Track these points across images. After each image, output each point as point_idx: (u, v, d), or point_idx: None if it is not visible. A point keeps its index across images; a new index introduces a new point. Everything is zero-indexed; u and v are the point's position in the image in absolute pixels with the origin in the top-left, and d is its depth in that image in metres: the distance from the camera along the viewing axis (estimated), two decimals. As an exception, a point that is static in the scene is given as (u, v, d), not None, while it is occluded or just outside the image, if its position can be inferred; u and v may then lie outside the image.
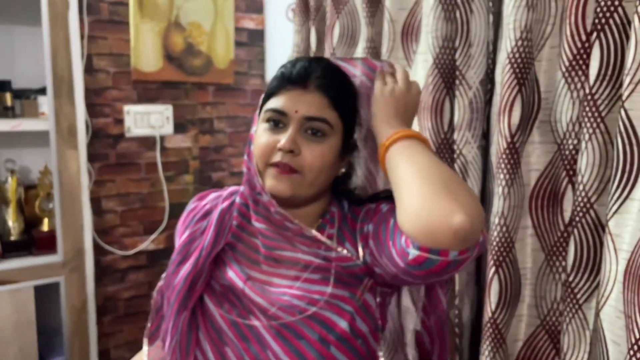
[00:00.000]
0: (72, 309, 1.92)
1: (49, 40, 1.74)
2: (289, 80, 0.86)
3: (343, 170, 0.92)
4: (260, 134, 0.86)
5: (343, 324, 0.83)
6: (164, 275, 0.94)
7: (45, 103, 1.82)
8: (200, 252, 0.89)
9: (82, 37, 1.91)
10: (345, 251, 0.86)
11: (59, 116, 1.79)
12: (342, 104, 0.87)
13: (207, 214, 0.95)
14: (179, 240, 0.95)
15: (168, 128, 2.20)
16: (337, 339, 0.82)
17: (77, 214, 1.88)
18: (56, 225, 1.86)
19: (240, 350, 0.84)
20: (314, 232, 0.86)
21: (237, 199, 0.93)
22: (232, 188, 1.00)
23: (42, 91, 1.86)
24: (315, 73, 0.86)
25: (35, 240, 1.91)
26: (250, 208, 0.90)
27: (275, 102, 0.86)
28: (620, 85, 1.03)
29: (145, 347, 0.97)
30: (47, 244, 1.89)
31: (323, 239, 0.86)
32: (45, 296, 1.94)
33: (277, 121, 0.85)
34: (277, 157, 0.83)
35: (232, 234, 0.92)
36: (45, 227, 1.95)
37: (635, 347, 0.91)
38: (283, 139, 0.82)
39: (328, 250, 0.86)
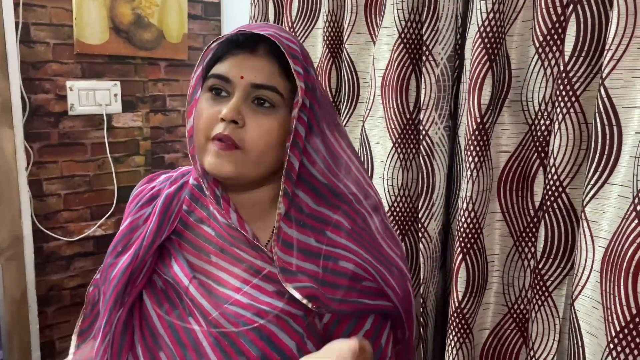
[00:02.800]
0: (10, 299, 1.79)
1: (-22, 6, 1.58)
2: (235, 43, 0.76)
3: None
4: (202, 104, 0.76)
5: (291, 344, 0.74)
6: (100, 267, 0.84)
7: (-24, 76, 1.66)
8: (142, 241, 0.79)
9: (16, 4, 1.74)
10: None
11: (-9, 91, 1.64)
12: (295, 73, 0.75)
13: (153, 198, 0.85)
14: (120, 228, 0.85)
15: (116, 106, 2.05)
16: None
17: (14, 198, 1.73)
18: (-10, 210, 1.72)
19: (175, 356, 0.75)
20: (273, 253, 0.75)
21: (191, 180, 0.83)
22: (184, 168, 0.90)
23: (-28, 63, 1.70)
24: (265, 40, 0.75)
25: (-33, 227, 1.76)
26: (204, 191, 0.80)
27: (218, 68, 0.76)
28: (597, 62, 0.97)
29: (72, 347, 0.87)
30: (-19, 230, 1.74)
31: (278, 259, 0.74)
32: (-19, 286, 1.80)
33: (220, 89, 0.75)
34: (219, 129, 0.73)
35: (179, 220, 0.82)
36: (-21, 212, 1.79)
37: (616, 340, 0.87)
38: (225, 108, 0.73)
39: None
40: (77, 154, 2.00)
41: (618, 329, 0.89)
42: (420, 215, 1.24)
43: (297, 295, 0.73)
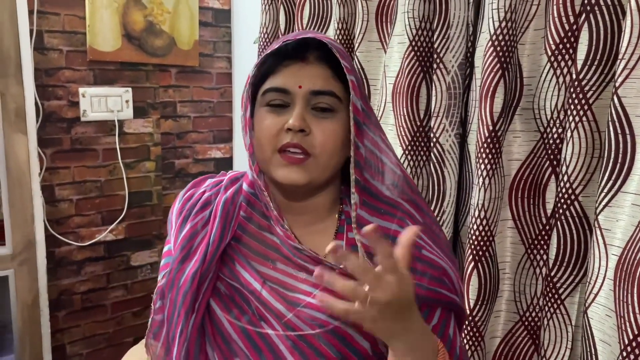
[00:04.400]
0: (22, 303, 1.80)
1: (-7, 14, 1.59)
2: (285, 55, 0.76)
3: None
4: (262, 119, 0.76)
5: (365, 344, 0.74)
6: (163, 273, 0.82)
7: (-10, 83, 1.67)
8: (207, 246, 0.78)
9: (30, 12, 1.76)
10: None
11: (5, 97, 1.65)
12: (345, 69, 0.76)
13: (208, 203, 0.84)
14: (178, 234, 0.82)
15: (127, 112, 2.07)
16: None
17: (27, 203, 1.74)
18: (4, 215, 1.73)
19: None
20: (340, 267, 0.73)
21: (245, 187, 0.83)
22: (231, 173, 0.90)
23: (-13, 70, 1.71)
24: (311, 44, 0.76)
25: (-19, 232, 1.78)
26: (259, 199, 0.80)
27: (273, 81, 0.76)
28: (610, 70, 0.97)
29: (143, 354, 0.87)
30: (-6, 235, 1.76)
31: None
32: (-6, 290, 1.82)
33: (280, 101, 0.76)
34: (287, 139, 0.73)
35: (238, 225, 0.82)
36: (-8, 217, 1.81)
37: (629, 348, 0.87)
38: (291, 118, 0.73)
39: None
40: (88, 160, 2.02)
41: (631, 336, 0.89)
42: (431, 222, 1.24)
43: None
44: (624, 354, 0.90)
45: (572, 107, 1.01)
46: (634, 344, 0.89)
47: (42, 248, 1.81)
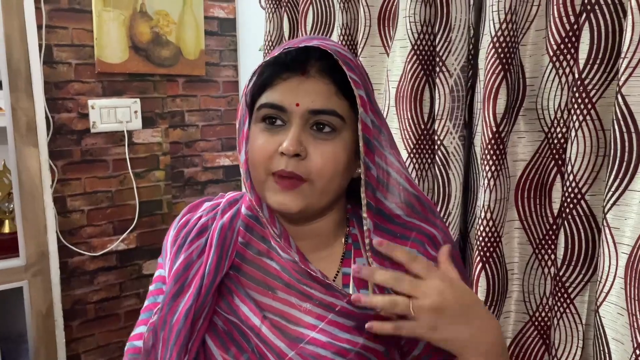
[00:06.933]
0: (37, 314, 1.82)
1: (2, 30, 1.62)
2: (283, 66, 0.69)
3: (360, 170, 0.71)
4: (256, 137, 0.70)
5: None
6: (156, 309, 0.75)
7: (1, 98, 1.70)
8: (202, 279, 0.72)
9: (39, 27, 1.79)
10: (384, 311, 0.66)
11: (16, 111, 1.68)
12: (352, 89, 0.68)
13: (204, 229, 0.77)
14: (173, 264, 0.76)
15: (136, 123, 2.10)
16: None
17: (40, 214, 1.77)
18: (17, 227, 1.75)
19: None
20: (350, 294, 0.70)
21: (243, 209, 0.77)
22: (229, 195, 0.83)
23: (-2, 85, 1.75)
24: (314, 53, 0.69)
25: (-5, 244, 1.81)
26: (259, 222, 0.75)
27: (269, 96, 0.69)
28: (612, 69, 0.97)
29: None
30: (8, 247, 1.78)
31: (364, 300, 0.64)
32: (8, 301, 1.84)
33: (275, 118, 0.69)
34: (280, 164, 0.67)
35: (236, 253, 0.75)
36: (5, 229, 1.84)
37: (640, 347, 0.87)
38: (286, 140, 0.66)
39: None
40: (99, 171, 2.04)
41: (642, 335, 0.88)
42: (438, 225, 1.24)
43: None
44: (637, 351, 0.90)
45: (576, 106, 1.01)
46: (644, 342, 0.88)
47: (55, 259, 1.84)
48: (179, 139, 2.24)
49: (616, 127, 0.93)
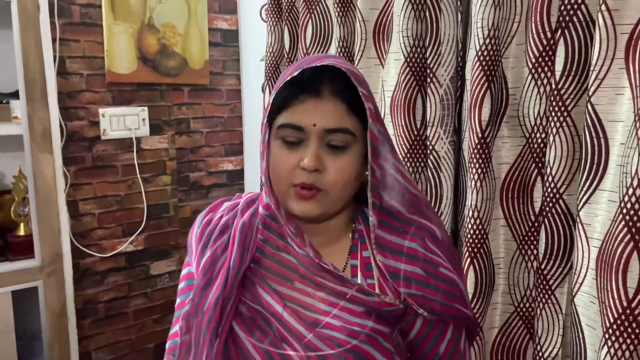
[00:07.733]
0: (51, 313, 1.91)
1: (19, 43, 1.72)
2: (300, 88, 0.77)
3: (367, 173, 0.81)
4: (277, 153, 0.79)
5: None
6: (188, 300, 0.83)
7: (18, 107, 1.79)
8: (228, 271, 0.81)
9: (53, 40, 1.89)
10: (388, 298, 0.79)
11: (32, 120, 1.77)
12: (360, 106, 0.77)
13: (226, 227, 0.86)
14: (200, 260, 0.85)
15: (144, 130, 2.20)
16: None
17: (54, 218, 1.86)
18: (33, 229, 1.84)
19: None
20: (358, 284, 0.80)
21: (261, 209, 0.86)
22: (247, 195, 0.92)
23: (15, 95, 1.84)
24: (326, 76, 0.76)
25: (11, 246, 1.89)
26: (276, 220, 0.84)
27: (289, 117, 0.77)
28: (585, 80, 1.07)
29: None
30: (23, 248, 1.87)
31: (367, 289, 0.79)
32: (24, 300, 1.92)
33: (294, 138, 0.78)
34: (302, 178, 0.77)
35: (256, 248, 0.84)
36: (21, 231, 1.92)
37: (610, 331, 0.96)
38: (306, 157, 0.76)
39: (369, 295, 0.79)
40: (109, 176, 2.14)
41: (612, 320, 0.98)
42: (430, 224, 1.34)
43: (410, 300, 0.79)
44: (607, 336, 0.99)
45: (553, 114, 1.11)
46: (614, 326, 0.98)
47: (69, 260, 1.92)
48: (185, 145, 2.34)
49: (587, 133, 1.03)
